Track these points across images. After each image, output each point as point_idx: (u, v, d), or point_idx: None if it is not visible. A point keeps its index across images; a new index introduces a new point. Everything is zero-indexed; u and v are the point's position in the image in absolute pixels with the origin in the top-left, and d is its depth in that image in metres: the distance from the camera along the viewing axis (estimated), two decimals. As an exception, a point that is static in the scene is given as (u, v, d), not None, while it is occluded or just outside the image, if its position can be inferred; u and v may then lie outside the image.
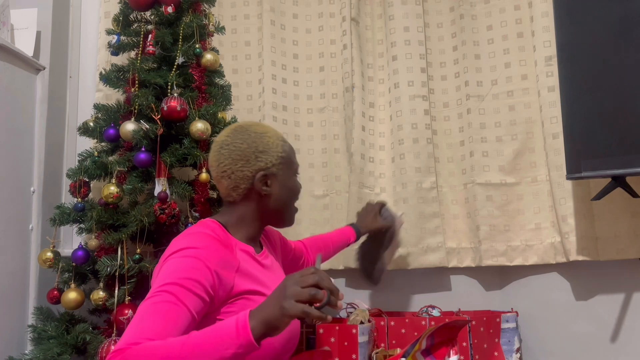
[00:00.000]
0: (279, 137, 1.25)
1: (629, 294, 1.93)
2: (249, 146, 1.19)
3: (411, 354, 1.19)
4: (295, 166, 1.28)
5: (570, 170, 1.72)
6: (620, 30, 1.62)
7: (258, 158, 1.19)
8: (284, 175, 1.23)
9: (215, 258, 1.05)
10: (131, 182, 1.68)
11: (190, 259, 1.03)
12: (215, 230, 1.14)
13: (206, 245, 1.07)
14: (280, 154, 1.22)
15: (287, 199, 1.25)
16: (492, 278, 2.17)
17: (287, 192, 1.24)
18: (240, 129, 1.22)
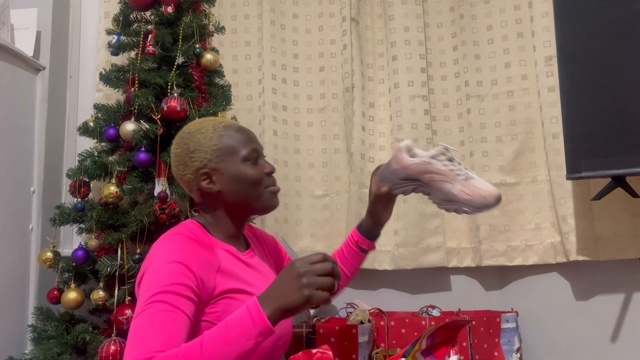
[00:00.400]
0: (217, 127, 1.18)
1: (629, 294, 1.93)
2: (182, 150, 1.17)
3: (411, 354, 1.19)
4: (243, 152, 1.16)
5: (570, 170, 1.72)
6: (620, 30, 1.62)
7: (192, 159, 1.15)
8: (226, 166, 1.15)
9: (195, 260, 1.04)
10: (131, 182, 1.68)
11: (171, 264, 1.01)
12: (194, 231, 1.13)
13: (184, 248, 1.05)
14: (214, 146, 1.15)
15: (239, 188, 1.16)
16: (492, 278, 2.17)
17: (236, 182, 1.15)
18: (178, 134, 1.20)
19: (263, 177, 1.18)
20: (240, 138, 1.18)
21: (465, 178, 1.23)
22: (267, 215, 2.07)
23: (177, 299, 0.98)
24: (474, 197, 1.22)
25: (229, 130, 1.18)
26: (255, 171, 1.17)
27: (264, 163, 1.21)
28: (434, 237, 2.09)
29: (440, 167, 1.24)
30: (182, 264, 1.01)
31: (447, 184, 1.24)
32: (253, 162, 1.18)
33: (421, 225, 2.09)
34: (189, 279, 1.01)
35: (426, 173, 1.27)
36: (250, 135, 1.21)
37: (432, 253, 2.08)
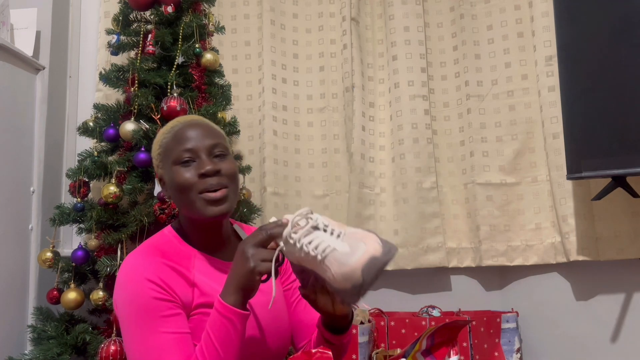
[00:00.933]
0: (166, 129, 1.10)
1: (629, 294, 1.93)
2: (152, 154, 1.15)
3: (411, 355, 1.19)
4: (174, 155, 1.05)
5: (571, 170, 1.72)
6: (620, 30, 1.62)
7: (154, 163, 1.13)
8: (165, 172, 1.08)
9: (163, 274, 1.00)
10: (131, 182, 1.68)
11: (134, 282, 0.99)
12: (168, 243, 1.07)
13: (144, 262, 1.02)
14: (158, 150, 1.09)
15: (175, 195, 1.06)
16: (492, 278, 2.17)
17: (171, 189, 1.07)
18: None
19: (194, 181, 1.03)
20: (177, 139, 1.07)
21: (324, 256, 0.88)
22: (267, 215, 2.07)
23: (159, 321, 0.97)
24: (340, 282, 0.87)
25: (172, 130, 1.09)
26: (186, 175, 1.03)
27: (203, 163, 1.05)
28: (434, 237, 2.08)
29: (297, 255, 0.91)
30: (151, 282, 0.98)
31: (319, 270, 0.90)
32: (187, 164, 1.04)
33: (421, 225, 2.08)
34: (160, 293, 0.98)
35: (300, 260, 0.93)
36: (191, 135, 1.07)
37: (432, 253, 2.08)
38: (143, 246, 1.07)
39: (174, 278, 1.01)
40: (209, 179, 1.04)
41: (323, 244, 0.90)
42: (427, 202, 2.10)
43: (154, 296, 0.97)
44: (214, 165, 1.04)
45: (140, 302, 0.98)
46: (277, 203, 2.12)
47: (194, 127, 1.08)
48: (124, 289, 1.00)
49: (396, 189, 2.14)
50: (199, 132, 1.08)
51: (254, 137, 2.21)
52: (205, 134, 1.08)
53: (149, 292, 0.97)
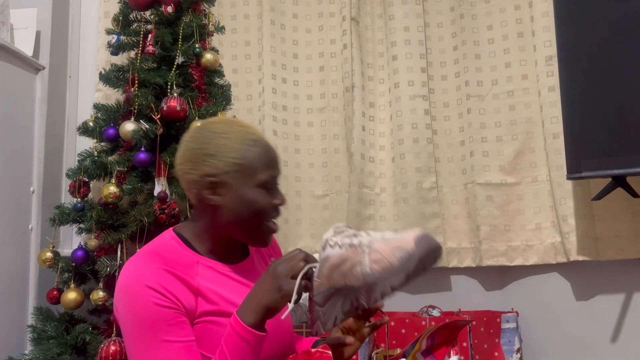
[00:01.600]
0: (245, 139, 1.03)
1: (629, 294, 1.93)
2: (198, 147, 1.03)
3: (411, 354, 1.19)
4: (261, 177, 1.02)
5: (571, 170, 1.72)
6: (620, 30, 1.62)
7: (205, 162, 1.02)
8: (239, 185, 1.01)
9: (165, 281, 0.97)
10: (131, 182, 1.68)
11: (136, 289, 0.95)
12: (170, 250, 1.03)
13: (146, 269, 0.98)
14: (236, 160, 1.01)
15: (242, 214, 1.02)
16: (493, 278, 2.17)
17: (242, 206, 1.02)
18: (200, 127, 1.08)
19: (270, 209, 1.04)
20: (265, 159, 1.04)
21: (369, 243, 0.91)
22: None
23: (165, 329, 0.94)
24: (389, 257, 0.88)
25: (257, 146, 1.04)
26: (266, 201, 1.03)
27: (277, 194, 1.06)
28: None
29: (338, 252, 0.92)
30: (152, 289, 0.94)
31: (357, 266, 0.90)
32: (266, 191, 1.03)
33: (421, 225, 2.08)
34: (162, 300, 0.95)
35: (333, 270, 0.92)
36: (276, 159, 1.07)
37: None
38: (143, 251, 1.03)
39: (177, 286, 0.97)
40: (278, 209, 1.07)
41: (368, 237, 0.92)
42: (427, 202, 2.10)
43: (156, 303, 0.94)
44: (284, 197, 1.08)
45: (142, 311, 0.94)
46: (277, 203, 2.12)
47: (274, 151, 1.08)
48: (125, 296, 0.97)
49: (396, 189, 2.14)
50: (278, 157, 1.08)
51: (254, 137, 2.21)
52: (279, 160, 1.09)
53: (151, 300, 0.94)
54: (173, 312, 0.95)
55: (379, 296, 0.91)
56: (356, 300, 0.93)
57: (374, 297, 0.91)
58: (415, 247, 0.87)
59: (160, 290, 0.95)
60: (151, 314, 0.94)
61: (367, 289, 0.91)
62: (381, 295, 0.91)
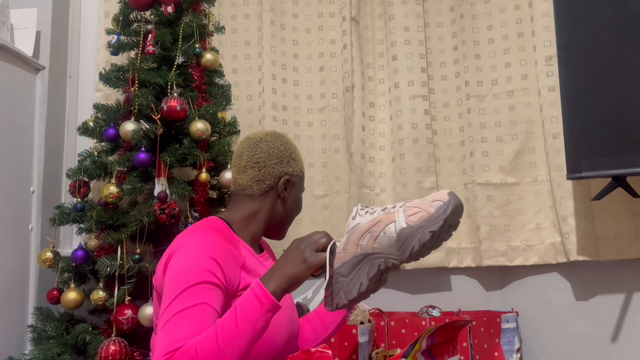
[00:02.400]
0: (297, 156, 1.32)
1: (629, 294, 1.93)
2: (286, 149, 1.27)
3: (411, 355, 1.19)
4: (303, 189, 1.34)
5: (571, 170, 1.72)
6: (620, 30, 1.62)
7: (289, 163, 1.26)
8: (298, 188, 1.30)
9: (223, 255, 1.08)
10: (131, 182, 1.68)
11: (201, 258, 1.05)
12: (219, 227, 1.17)
13: (213, 243, 1.09)
14: (302, 169, 1.31)
15: (293, 210, 1.30)
16: (493, 278, 2.17)
17: (295, 204, 1.30)
18: (278, 134, 1.30)
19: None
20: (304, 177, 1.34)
21: (402, 204, 1.00)
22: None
23: (205, 292, 1.02)
24: (427, 208, 0.96)
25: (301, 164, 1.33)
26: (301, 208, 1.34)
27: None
28: (434, 237, 2.08)
29: (369, 217, 1.00)
30: (212, 258, 1.05)
31: (390, 225, 0.97)
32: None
33: (421, 225, 2.08)
34: (218, 273, 1.05)
35: (363, 235, 0.99)
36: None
37: (432, 253, 2.08)
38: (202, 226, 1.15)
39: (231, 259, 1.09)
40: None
41: (399, 203, 1.01)
42: (427, 202, 2.10)
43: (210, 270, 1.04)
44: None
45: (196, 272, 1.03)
46: (277, 203, 2.13)
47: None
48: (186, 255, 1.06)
49: (396, 189, 2.14)
50: None
51: (254, 137, 2.21)
52: None
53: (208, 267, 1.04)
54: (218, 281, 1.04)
55: (417, 245, 0.96)
56: (384, 263, 0.98)
57: (410, 248, 0.96)
58: (449, 197, 0.96)
59: (219, 262, 1.06)
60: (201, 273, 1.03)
61: (401, 245, 0.97)
62: (420, 245, 0.96)
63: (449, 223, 0.96)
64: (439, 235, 0.96)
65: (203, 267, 1.04)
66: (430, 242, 0.97)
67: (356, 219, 1.01)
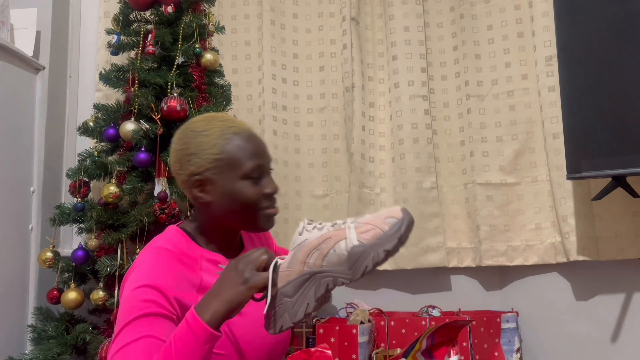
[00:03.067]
0: (224, 133, 1.05)
1: (629, 294, 1.93)
2: (181, 147, 1.06)
3: (411, 354, 1.19)
4: (244, 167, 1.03)
5: (571, 170, 1.72)
6: (620, 30, 1.62)
7: (189, 161, 1.04)
8: (223, 179, 1.04)
9: (168, 281, 0.98)
10: (131, 182, 1.68)
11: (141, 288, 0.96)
12: (176, 244, 1.05)
13: (154, 265, 0.99)
14: (216, 155, 1.03)
15: (231, 206, 1.04)
16: (493, 278, 2.17)
17: (228, 199, 1.04)
18: (183, 127, 1.10)
19: (261, 198, 1.05)
20: (247, 150, 1.04)
21: (354, 220, 0.92)
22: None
23: (148, 324, 0.93)
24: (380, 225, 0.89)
25: (237, 138, 1.05)
26: (253, 191, 1.04)
27: (267, 182, 1.07)
28: (434, 237, 2.08)
29: (317, 234, 0.91)
30: (153, 287, 0.96)
31: (341, 242, 0.89)
32: (254, 181, 1.04)
33: (421, 225, 2.08)
34: (162, 301, 0.96)
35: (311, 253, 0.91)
36: (260, 148, 1.07)
37: (432, 253, 2.08)
38: (152, 247, 1.05)
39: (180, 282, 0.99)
40: (272, 197, 1.07)
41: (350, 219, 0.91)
42: (427, 202, 2.10)
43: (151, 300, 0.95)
44: (276, 185, 1.07)
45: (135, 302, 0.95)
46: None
47: (257, 138, 1.08)
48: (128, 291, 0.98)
49: (396, 189, 2.14)
50: (262, 145, 1.08)
51: (254, 137, 2.21)
52: (266, 147, 1.10)
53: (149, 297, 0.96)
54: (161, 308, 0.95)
55: (371, 264, 0.88)
56: (333, 282, 0.90)
57: (363, 268, 0.88)
58: (402, 214, 0.89)
59: (162, 290, 0.96)
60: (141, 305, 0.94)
61: (352, 263, 0.88)
62: (373, 263, 0.88)
63: (402, 241, 0.89)
64: (397, 248, 0.89)
65: (144, 298, 0.94)
66: (384, 261, 0.89)
67: (303, 235, 0.91)
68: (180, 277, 1.00)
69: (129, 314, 0.94)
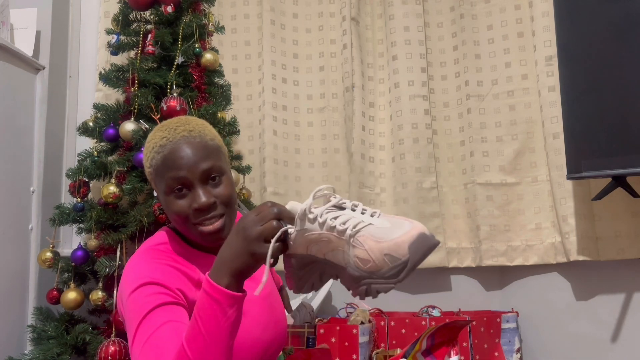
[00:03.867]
0: (154, 146, 1.00)
1: (629, 294, 1.93)
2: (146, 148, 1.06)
3: (411, 355, 1.19)
4: (166, 183, 0.99)
5: (571, 170, 1.72)
6: (620, 30, 1.62)
7: (143, 167, 1.06)
8: (158, 191, 1.02)
9: (168, 276, 0.97)
10: (131, 182, 1.68)
11: (143, 287, 0.94)
12: (167, 243, 1.04)
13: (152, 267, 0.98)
14: (148, 168, 1.02)
15: (170, 216, 1.02)
16: (493, 278, 2.17)
17: (166, 208, 1.01)
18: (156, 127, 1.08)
19: (188, 213, 0.98)
20: (167, 164, 0.98)
21: (355, 232, 0.78)
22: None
23: (163, 314, 0.92)
24: (379, 261, 0.76)
25: (162, 151, 0.99)
26: (178, 207, 0.98)
27: (196, 195, 0.99)
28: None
29: (317, 230, 0.80)
30: (152, 283, 0.95)
31: (339, 252, 0.80)
32: (179, 195, 0.99)
33: (421, 225, 2.08)
34: (164, 292, 0.95)
35: (311, 245, 0.82)
36: (182, 160, 0.98)
37: (432, 253, 2.08)
38: (143, 249, 1.04)
39: (179, 278, 0.99)
40: (204, 212, 0.99)
41: (354, 220, 0.79)
42: (427, 202, 2.10)
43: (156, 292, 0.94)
44: (208, 197, 0.98)
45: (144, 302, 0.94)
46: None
47: (186, 148, 0.99)
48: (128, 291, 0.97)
49: (396, 189, 2.14)
50: (192, 154, 0.98)
51: (254, 137, 2.21)
52: (198, 155, 0.99)
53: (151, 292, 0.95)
54: (171, 297, 0.94)
55: (363, 294, 0.80)
56: (336, 277, 0.83)
57: (358, 290, 0.80)
58: (409, 254, 0.75)
59: (164, 284, 0.95)
60: (150, 299, 0.93)
61: (351, 278, 0.80)
62: (365, 293, 0.79)
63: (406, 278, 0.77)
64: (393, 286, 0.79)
65: (149, 292, 0.93)
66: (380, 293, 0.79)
67: (305, 223, 0.81)
68: (176, 272, 0.99)
69: (139, 311, 0.92)
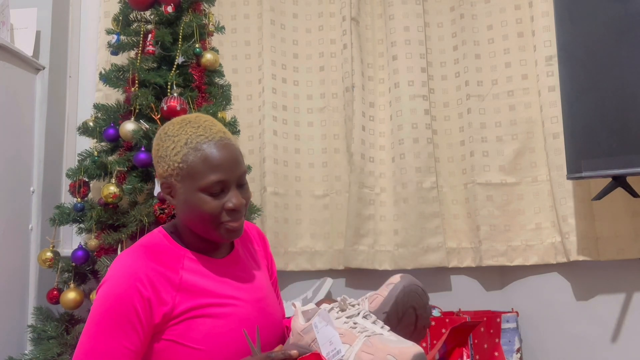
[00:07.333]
0: (190, 141, 1.02)
1: (629, 294, 1.93)
2: (155, 147, 1.07)
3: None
4: (203, 181, 1.00)
5: (571, 170, 1.72)
6: (620, 30, 1.62)
7: (158, 163, 1.05)
8: (184, 188, 1.02)
9: (147, 281, 0.99)
10: (131, 182, 1.68)
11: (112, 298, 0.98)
12: (157, 244, 1.06)
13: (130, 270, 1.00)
14: (178, 163, 1.01)
15: (190, 215, 1.04)
16: (493, 278, 2.17)
17: (188, 209, 1.03)
18: (161, 127, 1.09)
19: (221, 213, 1.02)
20: (210, 163, 1.01)
21: (370, 334, 0.91)
22: (267, 215, 2.08)
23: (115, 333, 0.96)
24: (377, 358, 0.86)
25: (202, 149, 1.01)
26: (212, 206, 1.01)
27: (231, 196, 1.03)
28: (434, 237, 2.08)
29: (335, 325, 0.94)
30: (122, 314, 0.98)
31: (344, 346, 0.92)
32: (214, 195, 1.02)
33: (421, 225, 2.08)
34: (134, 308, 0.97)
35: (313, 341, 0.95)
36: (226, 162, 1.02)
37: (432, 253, 2.08)
38: (133, 247, 1.06)
39: (159, 281, 1.00)
40: (233, 212, 1.03)
41: (369, 328, 0.91)
42: (427, 202, 2.10)
43: (133, 304, 0.97)
44: (240, 200, 1.03)
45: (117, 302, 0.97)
46: (277, 203, 2.12)
47: (225, 151, 1.02)
48: (109, 286, 1.00)
49: (396, 189, 2.14)
50: (231, 158, 1.02)
51: (254, 137, 2.21)
52: (236, 160, 1.03)
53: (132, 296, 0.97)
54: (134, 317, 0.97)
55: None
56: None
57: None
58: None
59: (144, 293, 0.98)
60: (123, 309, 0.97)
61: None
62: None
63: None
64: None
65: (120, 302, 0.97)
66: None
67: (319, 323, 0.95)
68: (158, 276, 1.01)
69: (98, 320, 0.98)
